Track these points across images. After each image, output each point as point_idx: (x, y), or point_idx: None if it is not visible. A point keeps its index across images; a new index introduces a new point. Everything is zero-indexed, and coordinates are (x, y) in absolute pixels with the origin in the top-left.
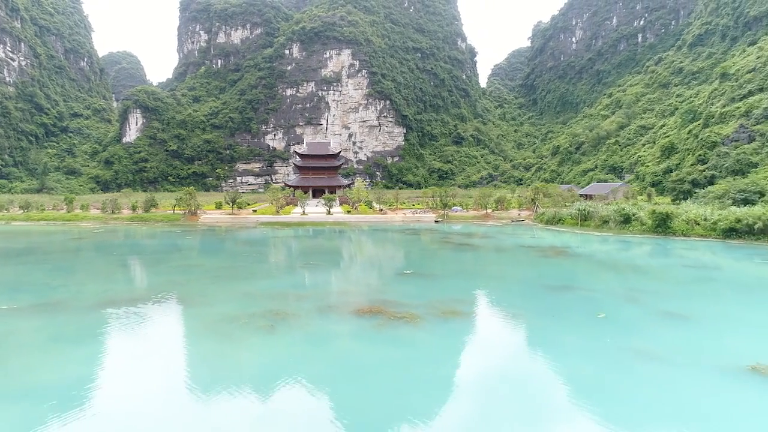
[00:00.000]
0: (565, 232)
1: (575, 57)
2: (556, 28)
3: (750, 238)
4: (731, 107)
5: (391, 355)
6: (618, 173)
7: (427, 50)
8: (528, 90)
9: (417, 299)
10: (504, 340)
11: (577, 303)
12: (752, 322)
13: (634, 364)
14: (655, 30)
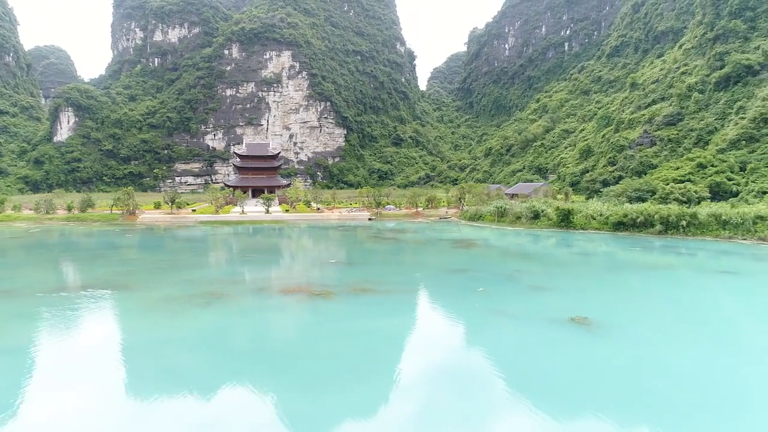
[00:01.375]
0: (484, 227)
1: (508, 63)
2: (490, 34)
3: (634, 230)
4: (638, 114)
5: (307, 319)
6: (543, 174)
7: (366, 53)
8: (465, 93)
9: (336, 281)
10: (399, 306)
11: (467, 281)
12: (591, 292)
13: (490, 318)
14: (580, 40)
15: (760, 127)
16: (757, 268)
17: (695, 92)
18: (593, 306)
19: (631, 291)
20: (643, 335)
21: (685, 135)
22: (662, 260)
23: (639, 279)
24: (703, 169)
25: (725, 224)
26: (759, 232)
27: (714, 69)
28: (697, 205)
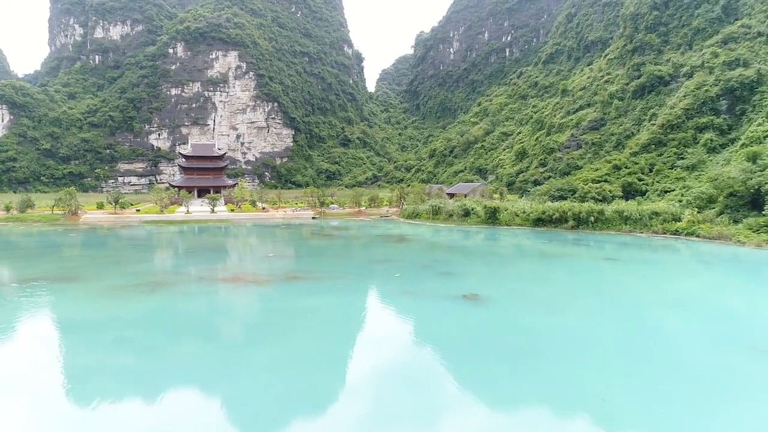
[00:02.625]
0: (420, 224)
1: (453, 67)
2: (435, 39)
3: (551, 226)
4: (567, 119)
5: (239, 299)
6: (483, 174)
7: (314, 55)
8: (412, 95)
9: (271, 271)
10: (324, 289)
11: (387, 269)
12: (490, 276)
13: (398, 297)
14: (520, 46)
15: (667, 133)
16: (636, 256)
17: (616, 99)
18: (486, 286)
19: (523, 274)
20: (514, 305)
21: (606, 139)
22: (563, 250)
23: (535, 265)
24: (618, 170)
25: (626, 219)
26: (653, 226)
27: (632, 78)
28: (611, 203)
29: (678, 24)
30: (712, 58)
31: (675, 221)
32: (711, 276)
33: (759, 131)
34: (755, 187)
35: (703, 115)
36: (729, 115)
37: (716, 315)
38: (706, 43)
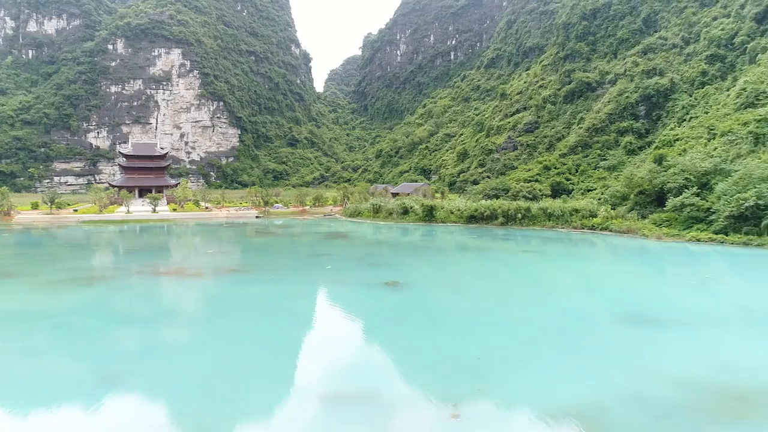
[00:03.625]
0: (362, 222)
1: (400, 69)
2: (383, 40)
3: (482, 223)
4: (504, 122)
5: (178, 291)
6: (427, 174)
7: (261, 54)
8: (360, 96)
9: (210, 265)
10: (260, 279)
11: (322, 262)
12: (414, 266)
13: (327, 285)
14: (464, 50)
15: (593, 136)
16: (550, 249)
17: (549, 104)
18: (408, 275)
19: (444, 264)
20: (429, 289)
21: (540, 141)
22: (488, 244)
23: (458, 257)
24: (548, 170)
25: (550, 216)
26: (573, 222)
27: (564, 84)
28: (540, 201)
29: (604, 34)
30: (633, 67)
31: (592, 217)
32: (608, 264)
33: (670, 135)
34: (659, 186)
35: (624, 119)
36: (646, 120)
37: (601, 294)
38: (629, 52)
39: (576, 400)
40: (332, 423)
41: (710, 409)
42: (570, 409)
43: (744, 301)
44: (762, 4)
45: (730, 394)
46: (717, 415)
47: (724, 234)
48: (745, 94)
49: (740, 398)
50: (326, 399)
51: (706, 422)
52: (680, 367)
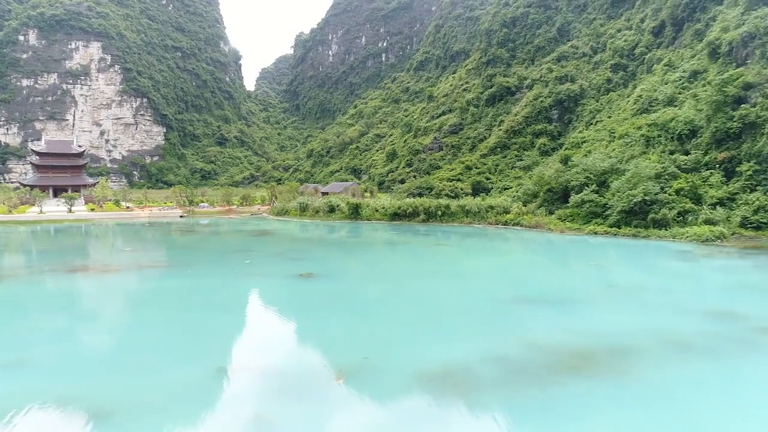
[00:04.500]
0: (290, 221)
1: (332, 69)
2: (315, 40)
3: (405, 220)
4: (431, 123)
5: (91, 285)
6: (357, 174)
7: (187, 50)
8: (292, 95)
9: (125, 262)
10: (175, 274)
11: (240, 257)
12: (330, 259)
13: (243, 277)
14: (395, 52)
15: (511, 137)
16: (463, 242)
17: (472, 106)
18: (324, 267)
19: (361, 257)
20: (340, 279)
21: (463, 142)
22: (406, 239)
23: (375, 251)
24: (470, 170)
25: (468, 213)
26: (489, 218)
27: (486, 88)
28: (461, 199)
29: (523, 41)
30: (547, 73)
31: (505, 213)
32: (512, 254)
33: (578, 137)
34: (564, 184)
35: (539, 122)
36: (559, 123)
37: (500, 279)
38: (545, 59)
39: (447, 363)
40: (234, 394)
41: (554, 365)
42: (439, 370)
43: (613, 282)
44: (658, 19)
45: (575, 353)
46: (557, 369)
47: (617, 227)
48: (641, 100)
49: (581, 356)
50: (229, 373)
51: (546, 374)
52: (542, 334)
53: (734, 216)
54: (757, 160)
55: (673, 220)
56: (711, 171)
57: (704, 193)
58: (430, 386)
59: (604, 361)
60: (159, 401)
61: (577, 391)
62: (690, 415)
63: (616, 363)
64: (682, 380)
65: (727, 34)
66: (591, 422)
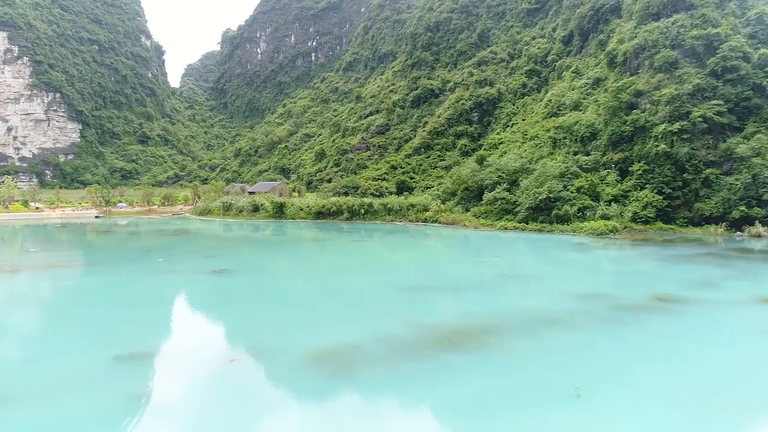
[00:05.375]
0: (213, 220)
1: (260, 67)
2: (242, 37)
3: (329, 218)
4: (359, 123)
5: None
6: (286, 174)
7: (106, 43)
8: (219, 93)
9: (32, 262)
10: (83, 272)
11: (154, 256)
12: (245, 256)
13: (156, 274)
14: (325, 52)
15: (434, 138)
16: (381, 239)
17: (398, 108)
18: (239, 263)
19: (276, 254)
20: (254, 275)
21: (390, 142)
22: (326, 236)
23: (292, 247)
24: (395, 170)
25: (390, 211)
26: (410, 215)
27: (411, 90)
28: (385, 198)
29: (446, 45)
30: (468, 77)
31: (425, 211)
32: (424, 248)
33: (495, 139)
34: (479, 183)
35: (461, 124)
36: (479, 125)
37: (406, 270)
38: (466, 63)
39: (339, 344)
40: (127, 377)
41: (435, 341)
42: (330, 349)
43: (508, 271)
44: (568, 29)
45: (456, 331)
46: (438, 345)
47: (525, 223)
48: (551, 105)
49: (461, 333)
50: (127, 360)
51: (426, 349)
52: (432, 317)
53: (626, 211)
54: (646, 160)
55: (574, 216)
56: (608, 170)
57: (601, 191)
58: (319, 363)
59: (479, 336)
60: (53, 387)
61: (449, 362)
62: (540, 377)
63: (488, 338)
64: (540, 349)
65: (622, 45)
66: (456, 386)
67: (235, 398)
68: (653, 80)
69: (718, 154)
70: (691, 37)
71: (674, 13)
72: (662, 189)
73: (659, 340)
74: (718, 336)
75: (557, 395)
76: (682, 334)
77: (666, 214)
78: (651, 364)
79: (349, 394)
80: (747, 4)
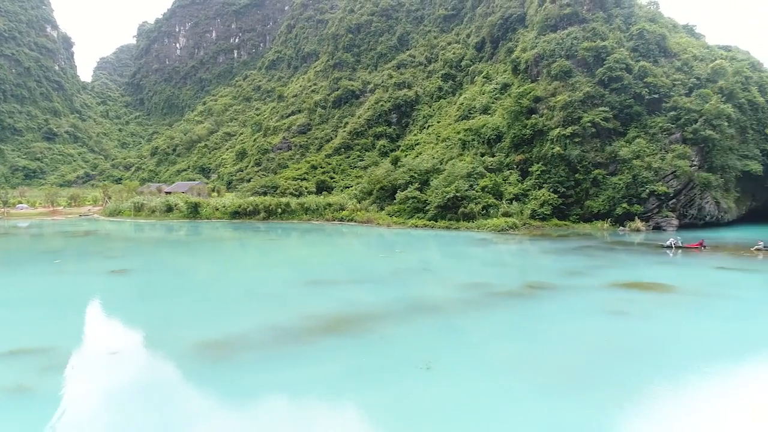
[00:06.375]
0: (123, 221)
1: (180, 63)
2: (160, 31)
3: (246, 218)
4: (281, 122)
5: None
6: (206, 173)
7: (6, 33)
8: (135, 89)
9: None
10: None
11: (52, 257)
12: (150, 255)
13: (49, 274)
14: (248, 49)
15: (354, 138)
16: (295, 237)
17: (320, 108)
18: (141, 263)
19: (181, 253)
20: (152, 274)
21: (311, 142)
22: (239, 235)
23: (199, 246)
24: (315, 169)
25: (307, 210)
26: (326, 215)
27: (333, 90)
28: (305, 197)
29: (367, 48)
30: (388, 79)
31: (342, 210)
32: (332, 245)
33: (412, 140)
34: (393, 183)
35: (380, 125)
36: (397, 126)
37: (311, 265)
38: (386, 66)
39: (225, 334)
40: (8, 374)
41: (317, 328)
42: (216, 339)
43: (405, 266)
44: (480, 36)
45: (338, 319)
46: (318, 331)
47: (434, 221)
48: (463, 108)
49: (342, 321)
50: (10, 357)
51: (306, 335)
52: (319, 308)
53: (526, 209)
54: (544, 161)
55: (479, 213)
56: (510, 171)
57: (504, 190)
58: (202, 352)
59: (359, 323)
60: None
61: (324, 345)
62: (400, 355)
63: (366, 324)
64: (408, 332)
65: (524, 54)
66: (326, 364)
67: (109, 389)
68: (550, 87)
69: (604, 157)
70: (583, 48)
71: (569, 26)
72: (557, 188)
73: (516, 321)
74: (566, 315)
75: (410, 368)
76: (538, 315)
77: (561, 211)
78: (503, 341)
79: (226, 376)
80: (631, 20)
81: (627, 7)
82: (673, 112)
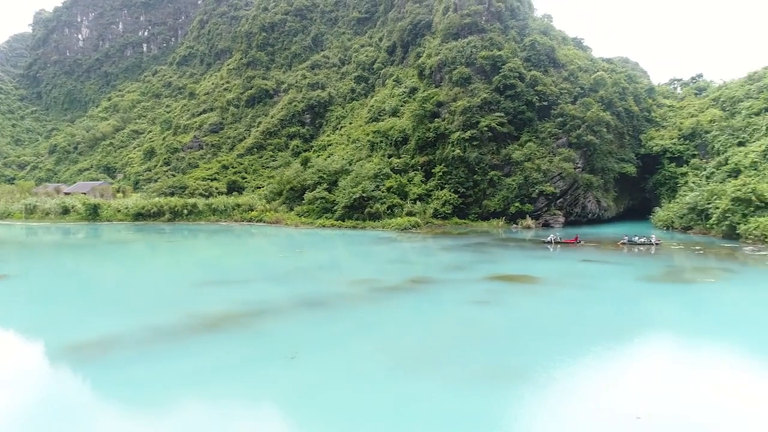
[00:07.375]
0: (12, 224)
1: (83, 55)
2: (60, 20)
3: (150, 220)
4: (192, 121)
5: None
6: (111, 173)
7: None
8: (32, 81)
9: None
10: None
11: None
12: (35, 259)
13: None
14: (158, 43)
15: (267, 138)
16: (199, 239)
17: (232, 107)
18: (24, 268)
19: (71, 257)
20: (37, 279)
21: (224, 141)
22: (137, 237)
23: (94, 250)
24: (227, 169)
25: (215, 211)
26: (235, 215)
27: (246, 89)
28: (215, 198)
29: (281, 47)
30: (302, 79)
31: (251, 211)
32: (233, 245)
33: (325, 140)
34: (302, 183)
35: (293, 125)
36: (311, 126)
37: (206, 267)
38: (300, 66)
39: (101, 334)
40: None
41: (200, 326)
42: (91, 339)
43: (303, 264)
44: (392, 40)
45: (222, 317)
46: (200, 329)
47: (342, 220)
48: (373, 110)
49: (225, 318)
50: None
51: (187, 333)
52: (205, 307)
53: (429, 208)
54: (446, 163)
55: (384, 213)
56: (415, 172)
57: (409, 191)
58: (74, 352)
59: (240, 320)
60: None
61: (200, 341)
62: (270, 347)
63: (247, 321)
64: (284, 326)
65: (429, 59)
66: (199, 358)
67: None
68: (451, 93)
69: (500, 159)
70: (481, 56)
71: (469, 35)
72: (458, 188)
73: (388, 313)
74: (434, 306)
75: (277, 359)
76: (410, 307)
77: (461, 210)
78: (369, 332)
79: (96, 373)
80: (525, 32)
81: (522, 19)
82: (560, 118)
